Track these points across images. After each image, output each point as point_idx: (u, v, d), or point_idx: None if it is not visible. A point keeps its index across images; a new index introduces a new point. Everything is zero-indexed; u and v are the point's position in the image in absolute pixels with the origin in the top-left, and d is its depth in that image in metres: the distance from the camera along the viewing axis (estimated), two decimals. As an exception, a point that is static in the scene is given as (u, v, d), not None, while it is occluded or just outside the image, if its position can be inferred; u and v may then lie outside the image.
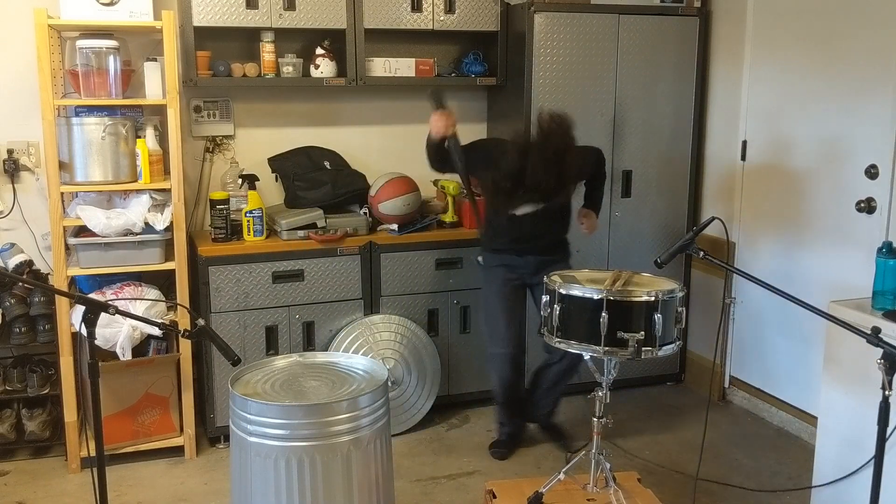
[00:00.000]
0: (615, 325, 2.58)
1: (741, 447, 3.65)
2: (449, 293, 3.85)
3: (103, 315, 2.12)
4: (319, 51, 3.77)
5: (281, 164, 3.86)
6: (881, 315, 2.58)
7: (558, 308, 2.67)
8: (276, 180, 3.90)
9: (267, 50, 3.69)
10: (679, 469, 3.43)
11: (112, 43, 3.30)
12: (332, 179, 3.79)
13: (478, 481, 3.29)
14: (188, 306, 3.39)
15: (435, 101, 3.27)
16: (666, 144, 4.12)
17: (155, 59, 3.42)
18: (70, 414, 3.34)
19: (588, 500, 2.82)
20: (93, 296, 3.16)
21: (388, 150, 4.17)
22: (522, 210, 3.30)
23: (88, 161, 3.26)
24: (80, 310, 2.73)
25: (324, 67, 3.77)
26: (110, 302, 2.17)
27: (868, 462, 2.16)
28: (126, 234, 3.29)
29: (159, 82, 3.41)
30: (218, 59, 3.67)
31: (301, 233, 3.63)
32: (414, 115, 4.14)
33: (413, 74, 3.92)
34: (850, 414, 2.71)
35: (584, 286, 2.65)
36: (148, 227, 3.32)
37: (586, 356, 2.69)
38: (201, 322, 2.25)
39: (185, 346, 3.44)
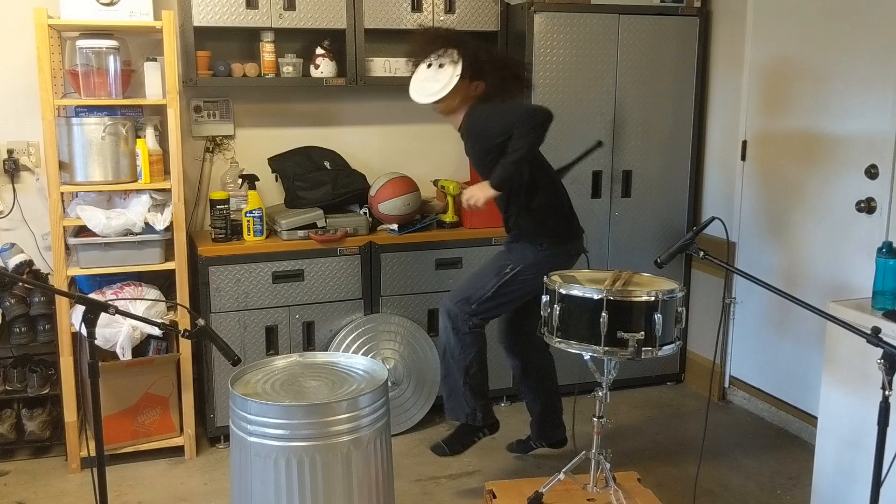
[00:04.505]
0: (615, 325, 2.58)
1: (741, 447, 3.65)
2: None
3: (103, 315, 2.12)
4: (319, 51, 3.77)
5: (281, 164, 3.86)
6: (881, 315, 2.58)
7: (558, 308, 2.67)
8: (276, 180, 3.89)
9: (267, 50, 3.69)
10: (679, 469, 3.43)
11: (112, 43, 3.30)
12: (332, 179, 3.79)
13: (478, 481, 3.29)
14: (188, 306, 3.38)
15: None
16: (666, 144, 4.12)
17: (155, 59, 3.42)
18: (70, 414, 3.34)
19: (588, 500, 2.82)
20: (93, 296, 3.16)
21: (388, 150, 4.17)
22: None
23: (88, 161, 3.26)
24: (80, 310, 2.73)
25: (324, 67, 3.77)
26: (110, 302, 2.17)
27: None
28: (126, 234, 3.29)
29: (159, 82, 3.41)
30: (218, 59, 3.67)
31: (301, 233, 3.63)
32: (414, 116, 4.12)
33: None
34: (850, 414, 2.71)
35: (584, 286, 2.65)
36: (148, 227, 3.32)
37: (586, 356, 2.69)
38: (201, 322, 2.25)
39: (185, 346, 3.44)
